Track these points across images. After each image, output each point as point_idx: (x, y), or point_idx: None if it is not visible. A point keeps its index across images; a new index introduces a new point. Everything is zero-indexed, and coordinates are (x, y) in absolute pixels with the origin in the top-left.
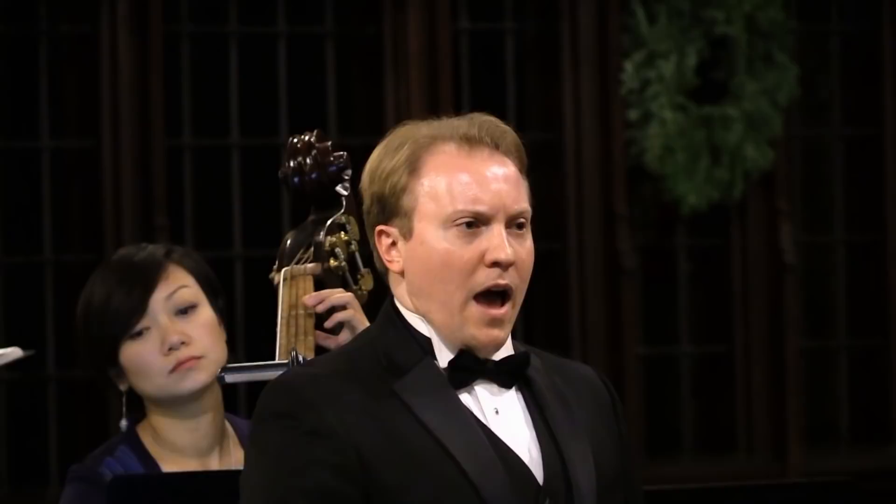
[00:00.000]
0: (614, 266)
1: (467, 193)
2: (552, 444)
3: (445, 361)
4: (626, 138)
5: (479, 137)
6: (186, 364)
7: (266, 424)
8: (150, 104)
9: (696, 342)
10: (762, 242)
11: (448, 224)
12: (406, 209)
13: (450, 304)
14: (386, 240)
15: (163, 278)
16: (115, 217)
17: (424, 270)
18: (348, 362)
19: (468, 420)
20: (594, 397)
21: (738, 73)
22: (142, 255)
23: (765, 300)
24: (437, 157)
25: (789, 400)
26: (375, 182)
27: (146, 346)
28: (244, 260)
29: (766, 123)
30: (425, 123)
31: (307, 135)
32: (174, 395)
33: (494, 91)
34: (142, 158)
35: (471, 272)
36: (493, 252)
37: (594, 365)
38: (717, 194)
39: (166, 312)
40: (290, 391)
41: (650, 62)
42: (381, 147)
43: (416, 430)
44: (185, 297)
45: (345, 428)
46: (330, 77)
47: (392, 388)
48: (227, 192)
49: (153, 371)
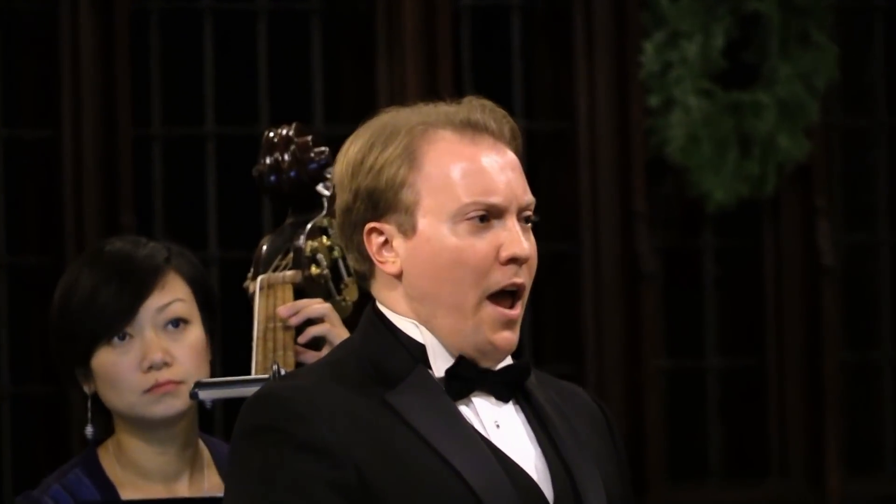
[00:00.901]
0: (632, 270)
1: (479, 184)
2: (558, 459)
3: (441, 370)
4: (646, 127)
5: (483, 123)
6: (164, 387)
7: (250, 440)
8: (115, 89)
9: (724, 354)
10: (797, 243)
11: (458, 218)
12: (406, 204)
13: (462, 307)
14: (377, 238)
15: (159, 285)
16: (75, 215)
17: (431, 270)
18: (334, 372)
19: (471, 434)
20: (591, 418)
21: (771, 55)
22: (142, 252)
23: (800, 307)
24: (437, 146)
25: (828, 419)
26: (362, 175)
27: (125, 357)
28: (221, 263)
29: (801, 111)
30: (410, 110)
31: (285, 128)
32: (143, 418)
33: (499, 75)
34: (106, 150)
35: (486, 270)
36: (510, 247)
37: (610, 380)
38: (746, 190)
39: (154, 324)
40: (276, 403)
41: (672, 43)
42: (365, 137)
43: (415, 445)
44: (179, 311)
45: (341, 442)
46: (316, 58)
47: (384, 398)
48: (201, 187)
49: (126, 386)
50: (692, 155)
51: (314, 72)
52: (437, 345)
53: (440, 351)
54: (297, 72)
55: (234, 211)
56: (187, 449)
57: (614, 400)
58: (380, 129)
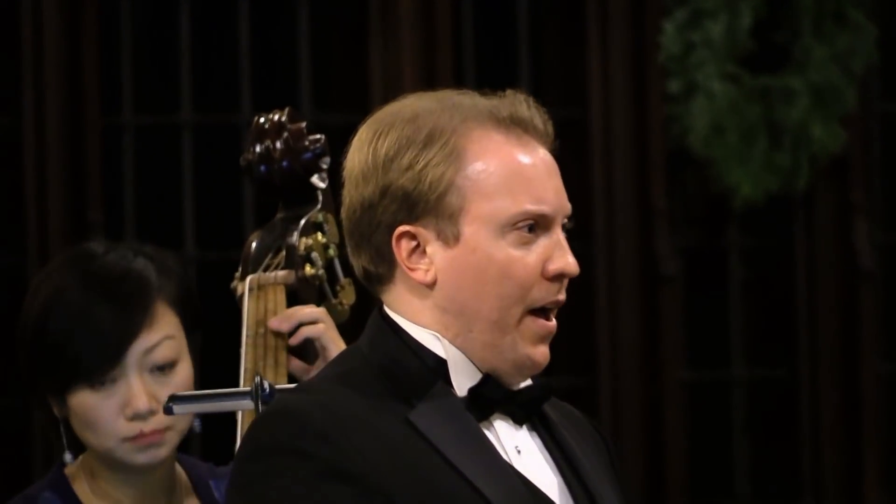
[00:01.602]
0: (651, 272)
1: (530, 192)
2: (580, 488)
3: (463, 388)
4: (666, 115)
5: (530, 121)
6: (150, 438)
7: (262, 463)
8: (81, 73)
9: (751, 365)
10: (832, 243)
11: (507, 229)
12: (451, 210)
13: (503, 322)
14: (409, 243)
15: (147, 324)
16: (38, 212)
17: (474, 283)
18: (349, 386)
19: (499, 461)
20: (594, 443)
21: (803, 36)
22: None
23: (836, 313)
24: (486, 147)
25: (866, 435)
26: (395, 172)
27: (107, 401)
28: (198, 264)
29: (836, 97)
30: (439, 101)
31: (276, 113)
32: (123, 463)
33: (504, 59)
34: (72, 140)
35: (531, 286)
36: (559, 262)
37: (626, 394)
38: (776, 184)
39: (141, 368)
40: (294, 419)
41: (695, 22)
42: (397, 130)
43: (445, 472)
44: (167, 353)
45: (369, 467)
46: (303, 42)
47: (407, 417)
48: (177, 181)
49: (105, 432)
50: (716, 146)
51: (302, 56)
52: (462, 360)
53: (464, 367)
54: (282, 55)
55: (213, 207)
56: (165, 478)
57: (630, 415)
58: (411, 120)
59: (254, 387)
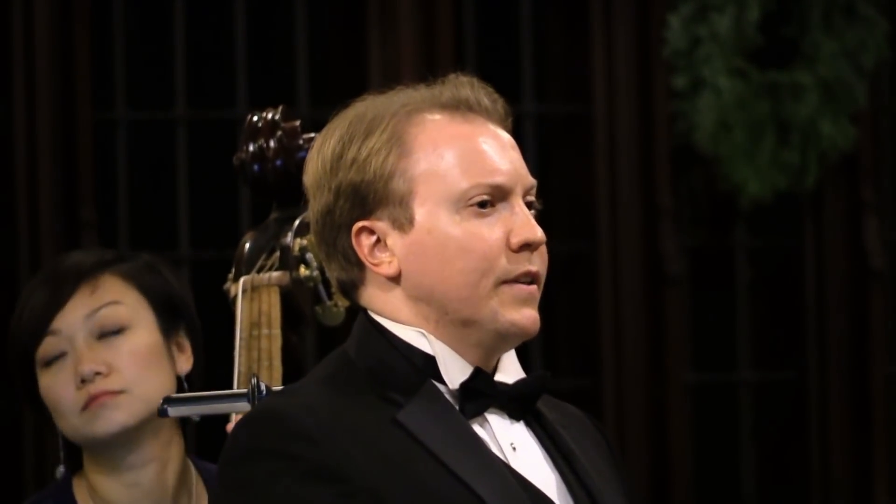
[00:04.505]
0: (656, 272)
1: (479, 165)
2: (579, 485)
3: (455, 382)
4: (671, 112)
5: (474, 100)
6: (99, 400)
7: (246, 467)
8: (74, 67)
9: (759, 367)
10: (842, 242)
11: (460, 204)
12: (399, 195)
13: (475, 296)
14: (368, 239)
15: (86, 290)
16: (29, 210)
17: (436, 264)
18: (335, 388)
19: (493, 459)
20: (594, 440)
21: (812, 30)
22: (80, 261)
23: (845, 315)
24: (427, 128)
25: (876, 438)
26: (343, 171)
27: (59, 376)
28: (192, 263)
29: (846, 93)
30: (386, 96)
31: (270, 112)
32: (89, 439)
33: (506, 52)
34: (64, 136)
35: (496, 259)
36: (521, 232)
37: (631, 396)
38: (784, 182)
39: (86, 334)
40: (278, 422)
41: (701, 16)
42: (341, 129)
43: (435, 471)
44: (112, 316)
45: (356, 468)
46: (300, 33)
47: (395, 417)
48: (171, 178)
49: (65, 408)
50: (723, 143)
51: (298, 48)
52: (450, 354)
53: (453, 360)
54: (278, 48)
55: (208, 206)
56: (164, 480)
57: (635, 417)
58: (356, 118)
59: (250, 389)
